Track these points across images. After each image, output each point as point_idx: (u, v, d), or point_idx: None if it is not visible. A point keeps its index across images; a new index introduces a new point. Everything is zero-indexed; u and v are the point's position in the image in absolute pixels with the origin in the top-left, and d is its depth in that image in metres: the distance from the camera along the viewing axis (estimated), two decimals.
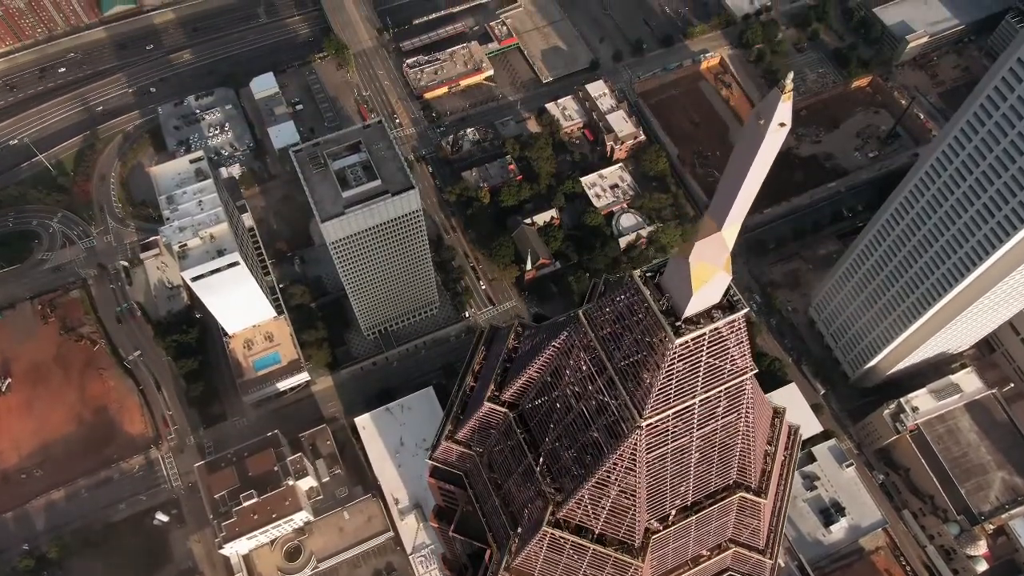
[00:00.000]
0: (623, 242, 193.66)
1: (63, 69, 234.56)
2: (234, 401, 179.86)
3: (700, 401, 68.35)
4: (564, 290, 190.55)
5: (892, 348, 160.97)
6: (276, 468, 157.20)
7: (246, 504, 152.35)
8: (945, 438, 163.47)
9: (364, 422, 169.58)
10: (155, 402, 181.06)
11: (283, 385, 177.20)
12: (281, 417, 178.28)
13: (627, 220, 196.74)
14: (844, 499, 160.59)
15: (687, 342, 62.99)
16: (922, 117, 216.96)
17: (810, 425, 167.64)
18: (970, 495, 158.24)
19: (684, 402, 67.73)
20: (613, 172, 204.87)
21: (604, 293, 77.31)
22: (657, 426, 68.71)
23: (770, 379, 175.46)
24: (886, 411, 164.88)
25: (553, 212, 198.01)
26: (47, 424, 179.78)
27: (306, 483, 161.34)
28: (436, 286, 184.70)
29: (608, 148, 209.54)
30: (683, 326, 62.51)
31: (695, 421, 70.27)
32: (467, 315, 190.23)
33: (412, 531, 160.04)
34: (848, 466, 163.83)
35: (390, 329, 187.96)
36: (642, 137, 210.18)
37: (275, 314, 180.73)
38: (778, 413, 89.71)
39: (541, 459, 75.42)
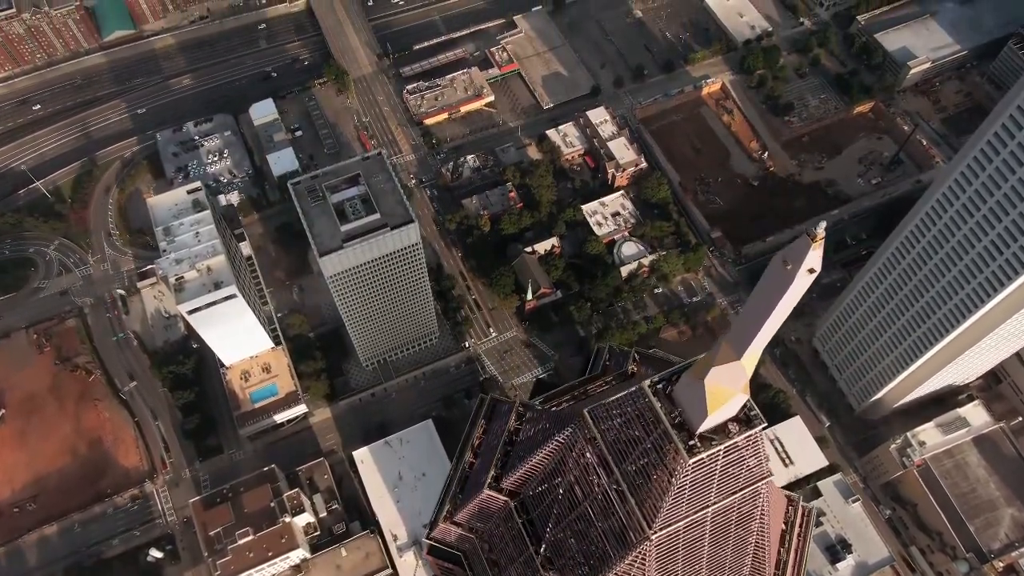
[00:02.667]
0: (624, 271, 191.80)
1: (61, 94, 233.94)
2: (231, 433, 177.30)
3: (713, 511, 66.10)
4: (565, 319, 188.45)
5: (899, 381, 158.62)
6: (272, 504, 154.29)
7: (241, 542, 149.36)
8: (953, 473, 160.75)
9: (362, 455, 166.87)
10: (151, 434, 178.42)
11: (280, 417, 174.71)
12: (278, 450, 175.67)
13: (629, 248, 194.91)
14: (851, 536, 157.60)
15: (702, 459, 60.94)
16: (925, 143, 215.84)
17: (815, 459, 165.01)
18: (979, 532, 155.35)
19: (696, 512, 65.47)
20: (614, 200, 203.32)
21: (609, 361, 74.84)
22: (668, 536, 66.35)
23: (774, 411, 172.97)
24: (893, 445, 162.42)
25: (554, 240, 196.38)
26: (41, 456, 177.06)
27: (303, 519, 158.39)
28: (436, 316, 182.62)
29: (609, 175, 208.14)
30: (697, 443, 60.42)
31: (708, 528, 67.90)
32: (467, 345, 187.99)
33: (411, 569, 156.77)
34: (854, 501, 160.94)
35: (389, 359, 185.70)
36: (643, 164, 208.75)
37: (273, 345, 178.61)
38: (792, 501, 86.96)
39: (543, 548, 72.86)
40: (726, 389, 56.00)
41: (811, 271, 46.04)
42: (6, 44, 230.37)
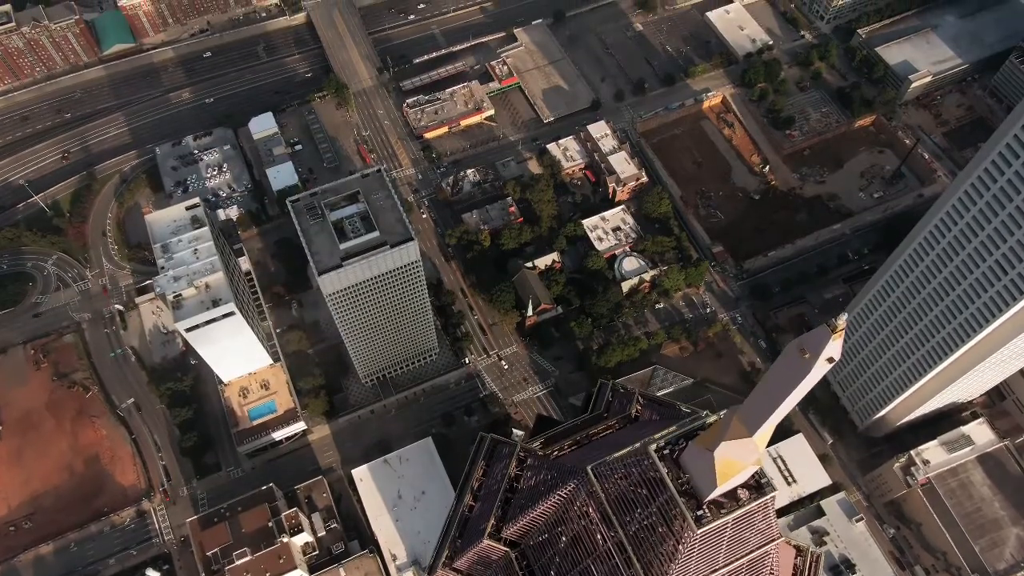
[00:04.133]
0: (626, 286, 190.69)
1: (61, 108, 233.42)
2: (229, 451, 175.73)
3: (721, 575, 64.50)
4: (566, 335, 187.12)
5: (903, 399, 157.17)
6: (270, 524, 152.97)
7: (239, 562, 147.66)
8: (957, 492, 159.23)
9: (361, 474, 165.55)
10: (148, 452, 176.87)
11: (279, 435, 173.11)
12: (277, 467, 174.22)
13: (630, 264, 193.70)
14: (855, 556, 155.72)
15: (710, 529, 59.39)
16: (926, 157, 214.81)
17: (818, 478, 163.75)
18: (984, 552, 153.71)
19: None
20: (615, 214, 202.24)
21: (612, 400, 73.48)
22: None
23: (777, 430, 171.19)
24: (896, 464, 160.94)
25: (554, 255, 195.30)
26: (37, 474, 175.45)
27: (301, 539, 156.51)
28: (436, 332, 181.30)
29: (610, 190, 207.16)
30: (706, 512, 58.92)
31: None
32: (467, 361, 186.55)
33: None
34: (858, 520, 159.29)
35: (389, 375, 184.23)
36: (644, 179, 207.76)
37: (271, 361, 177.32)
38: (801, 551, 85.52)
39: None
40: (737, 463, 54.80)
41: (830, 360, 45.36)
42: (5, 58, 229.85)
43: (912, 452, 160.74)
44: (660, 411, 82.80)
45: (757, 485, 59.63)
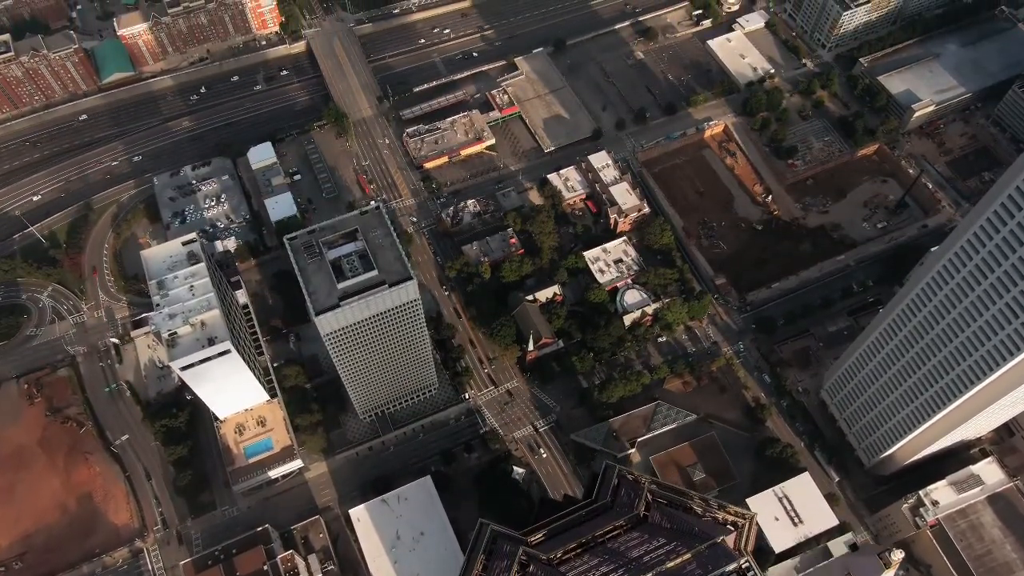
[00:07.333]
0: (628, 319, 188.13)
1: (59, 137, 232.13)
2: (224, 489, 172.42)
3: None
4: (567, 369, 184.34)
5: (911, 438, 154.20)
6: (266, 567, 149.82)
7: None
8: (968, 534, 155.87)
9: (359, 514, 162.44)
10: (142, 490, 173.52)
11: (275, 473, 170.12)
12: (273, 506, 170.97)
13: (632, 296, 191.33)
14: None
15: None
16: (930, 186, 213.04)
17: (825, 518, 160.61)
18: None
19: None
20: (617, 246, 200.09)
21: (618, 487, 70.65)
22: None
23: (782, 467, 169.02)
24: (905, 505, 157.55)
25: (556, 288, 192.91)
26: (29, 512, 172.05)
27: None
28: (435, 366, 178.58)
29: (612, 220, 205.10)
30: None
31: None
32: (467, 396, 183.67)
33: None
34: None
35: (387, 411, 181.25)
36: (646, 209, 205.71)
37: (268, 398, 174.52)
38: None
39: None
40: None
41: None
42: (4, 87, 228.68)
43: (921, 492, 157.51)
44: (671, 515, 79.03)
45: None
